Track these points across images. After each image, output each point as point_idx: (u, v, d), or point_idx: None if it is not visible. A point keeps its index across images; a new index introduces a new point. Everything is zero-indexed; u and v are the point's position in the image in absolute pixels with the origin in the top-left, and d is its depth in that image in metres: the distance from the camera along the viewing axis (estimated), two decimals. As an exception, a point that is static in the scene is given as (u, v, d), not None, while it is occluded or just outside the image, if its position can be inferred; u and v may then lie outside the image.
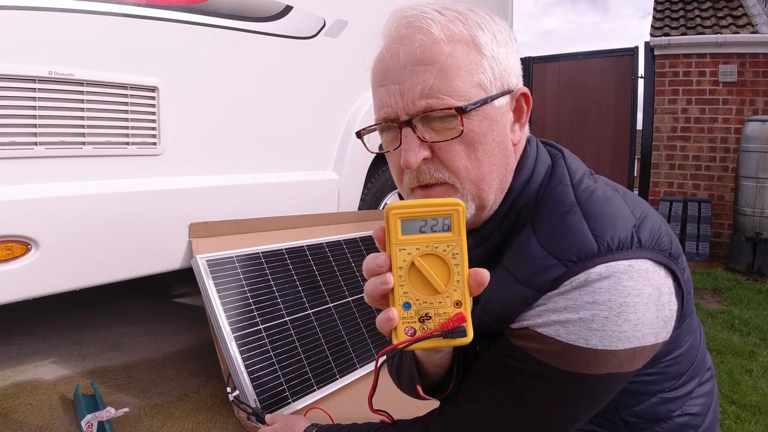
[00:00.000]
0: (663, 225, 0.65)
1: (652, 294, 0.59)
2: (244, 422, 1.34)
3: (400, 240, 0.53)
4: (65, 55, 1.36)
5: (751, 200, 3.94)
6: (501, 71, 0.66)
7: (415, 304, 0.52)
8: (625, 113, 5.81)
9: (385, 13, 0.70)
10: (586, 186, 0.67)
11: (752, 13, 4.96)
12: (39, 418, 1.43)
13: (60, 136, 1.37)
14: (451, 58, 0.62)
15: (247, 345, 1.42)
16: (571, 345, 0.59)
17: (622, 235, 0.60)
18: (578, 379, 0.60)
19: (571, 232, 0.61)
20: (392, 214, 0.52)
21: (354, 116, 2.28)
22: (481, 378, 0.68)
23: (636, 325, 0.59)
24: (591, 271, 0.58)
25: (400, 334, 0.53)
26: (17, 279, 1.32)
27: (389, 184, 2.59)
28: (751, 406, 1.83)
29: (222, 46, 1.73)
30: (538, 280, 0.61)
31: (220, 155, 1.78)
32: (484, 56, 0.64)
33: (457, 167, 0.64)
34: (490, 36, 0.65)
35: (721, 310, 2.99)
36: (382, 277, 0.52)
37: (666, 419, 0.69)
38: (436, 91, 0.62)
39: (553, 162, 0.72)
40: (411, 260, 0.52)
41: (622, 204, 0.65)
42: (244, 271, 1.57)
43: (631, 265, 0.59)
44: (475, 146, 0.64)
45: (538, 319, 0.61)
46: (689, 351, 0.69)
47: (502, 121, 0.67)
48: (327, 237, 1.91)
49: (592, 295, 0.58)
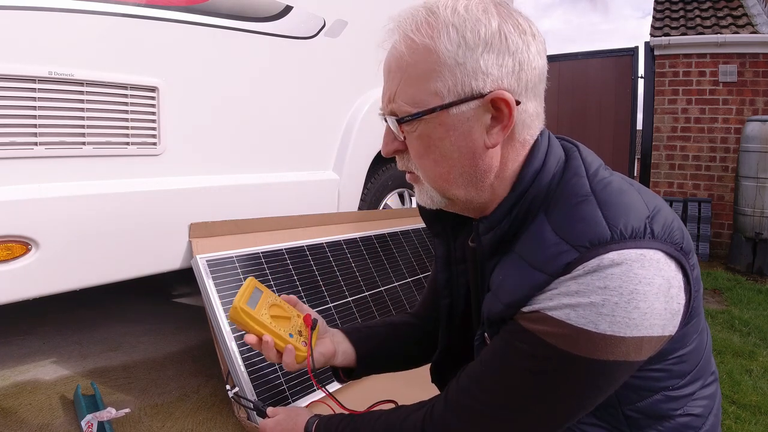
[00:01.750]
0: (676, 220, 0.66)
1: (662, 285, 0.60)
2: (244, 422, 1.34)
3: (256, 312, 0.89)
4: (65, 55, 1.36)
5: (751, 200, 3.94)
6: (467, 77, 0.66)
7: (291, 330, 0.91)
8: (625, 113, 5.81)
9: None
10: (601, 178, 0.68)
11: (752, 13, 4.96)
12: (39, 418, 1.43)
13: (60, 136, 1.37)
14: (412, 68, 0.67)
15: (247, 345, 1.42)
16: (580, 329, 0.60)
17: (636, 225, 0.61)
18: (585, 364, 0.61)
19: (585, 219, 0.63)
20: (239, 309, 0.87)
21: (354, 116, 2.28)
22: (489, 361, 0.69)
23: (645, 314, 0.59)
24: (603, 257, 0.59)
25: (302, 348, 0.90)
26: (17, 279, 1.32)
27: (389, 184, 2.59)
28: (751, 406, 1.83)
29: (222, 46, 1.73)
30: (550, 264, 0.62)
31: (219, 155, 1.78)
32: (445, 63, 0.65)
33: (417, 164, 0.73)
34: (458, 40, 0.65)
35: (721, 310, 2.99)
36: (266, 344, 0.89)
37: (667, 418, 0.69)
38: (396, 98, 0.69)
39: (568, 155, 0.73)
40: (269, 314, 0.91)
41: (636, 196, 0.66)
42: (244, 271, 1.57)
43: (643, 254, 0.60)
44: (429, 149, 0.70)
45: (549, 303, 0.62)
46: (695, 351, 0.70)
47: (463, 126, 0.68)
48: (327, 237, 1.91)
49: (604, 280, 0.59)
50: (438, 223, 0.88)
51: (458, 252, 0.89)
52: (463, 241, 0.88)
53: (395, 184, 2.63)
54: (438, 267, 0.93)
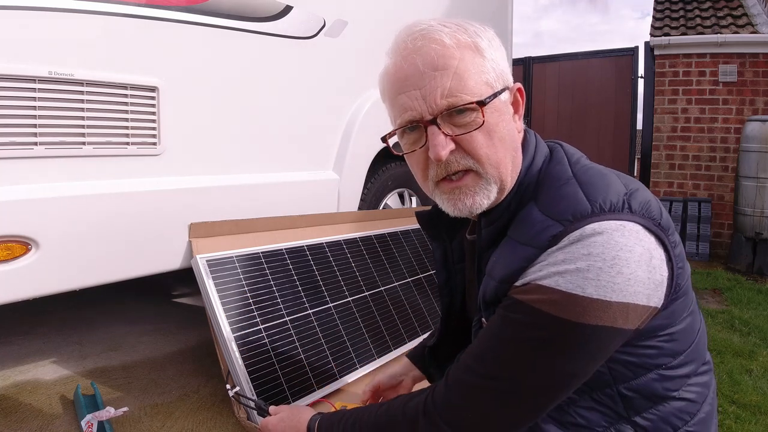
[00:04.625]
0: (654, 200, 0.71)
1: (643, 254, 0.65)
2: (244, 422, 1.34)
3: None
4: (65, 55, 1.36)
5: (751, 200, 3.94)
6: (500, 71, 0.76)
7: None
8: (625, 113, 5.81)
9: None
10: (582, 165, 0.76)
11: (752, 13, 4.95)
12: (39, 418, 1.43)
13: (60, 136, 1.37)
14: (461, 63, 0.73)
15: (247, 345, 1.42)
16: (568, 293, 0.64)
17: (614, 200, 0.68)
18: (576, 329, 0.64)
19: (567, 197, 0.70)
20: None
21: (354, 116, 2.28)
22: (486, 337, 0.73)
23: (628, 279, 0.64)
24: (585, 228, 0.65)
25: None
26: (17, 279, 1.32)
27: (389, 184, 2.59)
28: (751, 406, 1.83)
29: (222, 46, 1.73)
30: (538, 238, 0.69)
31: (219, 155, 1.78)
32: (486, 59, 0.75)
33: (480, 155, 0.74)
34: (487, 42, 0.76)
35: (721, 310, 2.99)
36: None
37: (663, 399, 0.72)
38: (454, 91, 0.72)
39: (552, 150, 0.82)
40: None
41: (615, 179, 0.73)
42: (244, 271, 1.57)
43: (623, 224, 0.66)
44: (491, 135, 0.74)
45: (539, 273, 0.67)
46: (686, 331, 0.73)
47: (507, 112, 0.77)
48: (327, 237, 1.91)
49: (587, 248, 0.64)
50: (434, 227, 0.96)
51: (455, 253, 0.97)
52: (460, 241, 0.95)
53: (395, 184, 2.63)
54: (436, 268, 1.01)
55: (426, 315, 2.00)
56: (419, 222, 0.98)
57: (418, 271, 2.15)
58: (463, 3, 3.01)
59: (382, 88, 0.81)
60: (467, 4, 3.07)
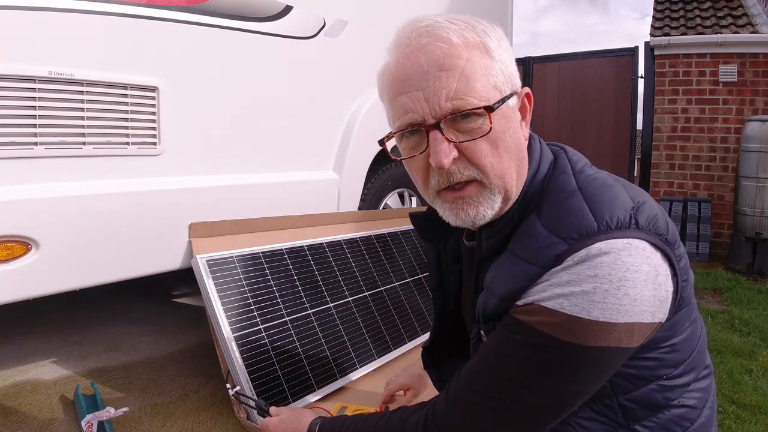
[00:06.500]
0: (661, 213, 0.68)
1: (649, 272, 0.63)
2: (243, 422, 1.34)
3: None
4: (65, 55, 1.36)
5: (751, 200, 3.94)
6: (509, 74, 0.72)
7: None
8: (625, 113, 5.81)
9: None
10: (587, 174, 0.72)
11: (752, 13, 4.95)
12: (39, 418, 1.43)
13: (60, 136, 1.37)
14: (469, 63, 0.67)
15: (247, 345, 1.42)
16: (573, 317, 0.61)
17: (621, 216, 0.64)
18: (580, 352, 0.62)
19: (572, 213, 0.66)
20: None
21: (354, 116, 2.28)
22: (487, 355, 0.71)
23: (634, 300, 0.61)
24: (591, 247, 0.62)
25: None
26: (17, 279, 1.32)
27: (389, 184, 2.59)
28: (751, 406, 1.83)
29: (222, 46, 1.73)
30: (541, 257, 0.65)
31: (220, 155, 1.78)
32: (495, 60, 0.70)
33: (484, 164, 0.69)
34: (496, 42, 0.71)
35: (721, 310, 2.99)
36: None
37: (663, 408, 0.71)
38: (460, 94, 0.67)
39: (556, 156, 0.77)
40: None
41: (621, 190, 0.69)
42: (244, 271, 1.57)
43: (630, 243, 0.62)
44: (497, 143, 0.69)
45: (542, 294, 0.64)
46: (688, 340, 0.71)
47: (515, 118, 0.72)
48: (327, 237, 1.91)
49: (594, 269, 0.61)
50: (429, 229, 0.92)
51: (449, 255, 0.94)
52: (455, 243, 0.92)
53: (395, 184, 2.63)
54: (429, 270, 0.97)
55: (426, 315, 2.00)
56: (413, 223, 0.95)
57: (418, 271, 2.15)
58: (463, 3, 3.01)
59: (381, 87, 0.75)
60: (468, 4, 3.07)
